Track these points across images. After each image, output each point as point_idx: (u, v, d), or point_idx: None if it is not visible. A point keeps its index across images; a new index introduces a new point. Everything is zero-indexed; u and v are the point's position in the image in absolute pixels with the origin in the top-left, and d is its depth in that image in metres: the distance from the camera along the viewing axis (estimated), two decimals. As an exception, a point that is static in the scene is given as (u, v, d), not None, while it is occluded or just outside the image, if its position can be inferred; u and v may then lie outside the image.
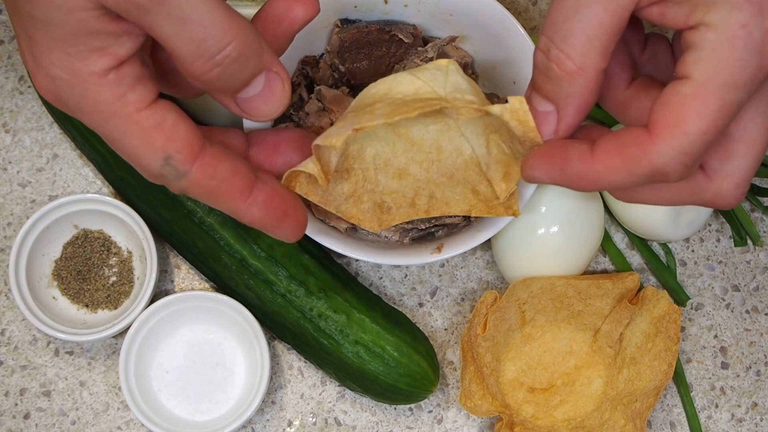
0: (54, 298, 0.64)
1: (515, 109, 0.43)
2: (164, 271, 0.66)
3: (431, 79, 0.45)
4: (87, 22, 0.39)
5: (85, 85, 0.40)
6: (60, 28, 0.39)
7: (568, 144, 0.43)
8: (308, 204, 0.59)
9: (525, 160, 0.44)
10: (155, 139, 0.41)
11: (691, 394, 0.65)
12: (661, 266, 0.66)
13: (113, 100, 0.40)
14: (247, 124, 0.54)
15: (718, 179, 0.42)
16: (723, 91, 0.38)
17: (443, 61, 0.46)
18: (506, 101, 0.43)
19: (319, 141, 0.45)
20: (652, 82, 0.44)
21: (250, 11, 0.65)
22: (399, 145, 0.49)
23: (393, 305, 0.65)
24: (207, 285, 0.66)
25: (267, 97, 0.43)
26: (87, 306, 0.64)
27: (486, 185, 0.50)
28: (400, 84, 0.45)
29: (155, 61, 0.45)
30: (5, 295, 0.65)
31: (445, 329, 0.66)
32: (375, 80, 0.61)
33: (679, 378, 0.65)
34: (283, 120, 0.60)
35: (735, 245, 0.67)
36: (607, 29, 0.39)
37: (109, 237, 0.64)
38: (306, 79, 0.61)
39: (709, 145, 0.39)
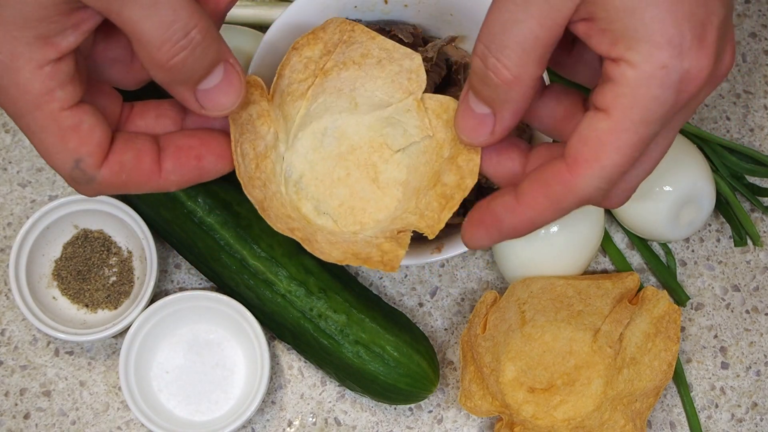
0: (54, 298, 0.64)
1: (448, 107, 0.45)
2: (164, 271, 0.66)
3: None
4: (45, 8, 0.39)
5: (19, 72, 0.40)
6: (14, 9, 0.39)
7: (492, 201, 0.44)
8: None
9: (462, 233, 0.46)
10: (69, 140, 0.42)
11: (691, 394, 0.65)
12: (661, 266, 0.66)
13: (42, 93, 0.41)
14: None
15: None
16: (639, 127, 0.40)
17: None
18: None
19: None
20: (564, 89, 0.45)
21: (249, 12, 0.65)
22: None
23: (393, 305, 0.65)
24: (207, 285, 0.66)
25: (226, 89, 0.43)
26: (87, 306, 0.64)
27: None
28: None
29: (93, 55, 0.45)
30: (5, 295, 0.65)
31: (445, 329, 0.66)
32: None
33: (679, 378, 0.65)
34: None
35: (735, 245, 0.67)
36: (541, 42, 0.40)
37: (109, 237, 0.64)
38: (306, 79, 0.61)
39: (625, 173, 0.41)
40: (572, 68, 0.46)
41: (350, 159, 0.49)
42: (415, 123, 0.48)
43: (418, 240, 0.59)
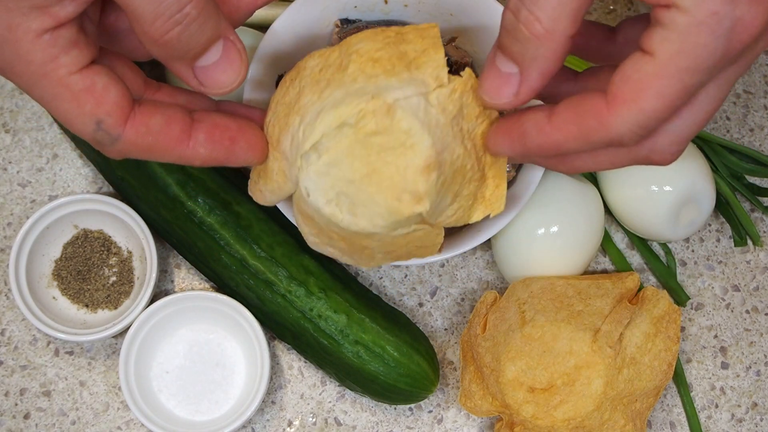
0: (54, 298, 0.64)
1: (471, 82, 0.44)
2: (164, 271, 0.66)
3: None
4: None
5: (19, 43, 0.40)
6: None
7: (524, 116, 0.43)
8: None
9: (487, 137, 0.44)
10: (85, 103, 0.41)
11: (691, 394, 0.65)
12: (661, 266, 0.66)
13: (45, 62, 0.40)
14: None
15: (657, 135, 0.42)
16: (684, 74, 0.39)
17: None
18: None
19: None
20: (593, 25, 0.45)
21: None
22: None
23: (393, 305, 0.65)
24: (207, 285, 0.66)
25: (224, 66, 0.42)
26: (87, 306, 0.64)
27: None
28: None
29: (103, 25, 0.44)
30: (5, 295, 0.65)
31: (445, 329, 0.66)
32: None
33: (679, 378, 0.65)
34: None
35: (735, 245, 0.67)
36: None
37: (109, 237, 0.64)
38: (306, 79, 0.61)
39: (664, 121, 0.40)
40: (614, 57, 0.45)
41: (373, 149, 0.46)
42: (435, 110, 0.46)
43: (418, 240, 0.59)
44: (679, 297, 0.65)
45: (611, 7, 0.70)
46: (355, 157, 0.43)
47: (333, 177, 0.43)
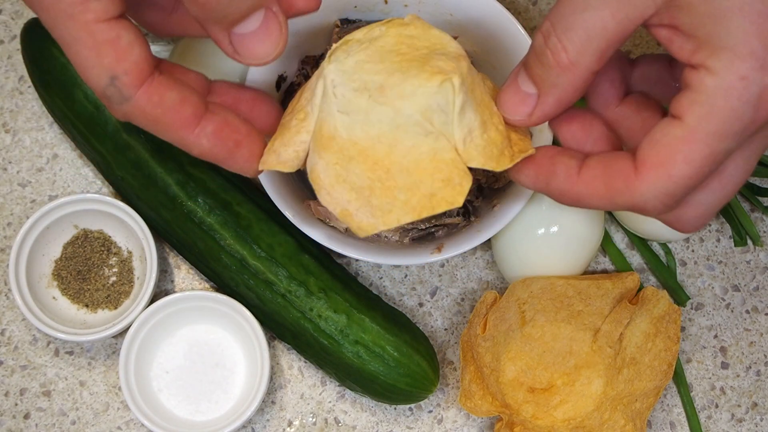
0: (54, 298, 0.64)
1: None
2: (164, 271, 0.66)
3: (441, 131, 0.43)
4: None
5: None
6: None
7: (558, 158, 0.43)
8: (309, 204, 0.59)
9: (516, 164, 0.44)
10: (105, 54, 0.40)
11: (691, 394, 0.65)
12: (661, 266, 0.66)
13: (75, 3, 0.39)
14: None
15: (686, 205, 0.42)
16: (713, 140, 0.38)
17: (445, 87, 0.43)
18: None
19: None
20: (645, 100, 0.45)
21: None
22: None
23: (393, 305, 0.65)
24: (207, 285, 0.66)
25: (263, 36, 0.41)
26: (87, 306, 0.64)
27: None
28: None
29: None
30: (5, 295, 0.65)
31: (445, 329, 0.66)
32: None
33: (679, 378, 0.65)
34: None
35: (735, 245, 0.67)
36: (609, 34, 0.39)
37: (109, 237, 0.64)
38: (306, 78, 0.61)
39: (693, 189, 0.40)
40: (637, 87, 0.45)
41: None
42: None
43: (419, 240, 0.59)
44: (679, 297, 0.65)
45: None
46: (385, 55, 0.42)
47: (362, 70, 0.42)
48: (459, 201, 0.43)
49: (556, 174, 0.43)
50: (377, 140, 0.42)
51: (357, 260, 0.66)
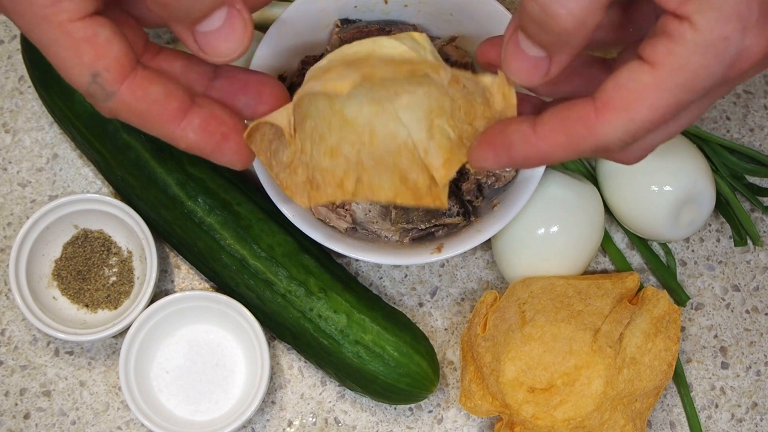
0: (54, 298, 0.64)
1: (504, 84, 0.43)
2: (164, 271, 0.66)
3: (413, 47, 0.44)
4: None
5: None
6: None
7: (509, 127, 0.43)
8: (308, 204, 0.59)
9: (470, 151, 0.44)
10: (84, 53, 0.40)
11: (691, 394, 0.65)
12: (661, 266, 0.66)
13: (47, 4, 0.39)
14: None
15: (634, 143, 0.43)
16: (680, 91, 0.39)
17: (416, 34, 0.45)
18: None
19: (314, 88, 0.43)
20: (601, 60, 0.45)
21: (254, 14, 0.65)
22: (334, 122, 0.47)
23: (393, 305, 0.65)
24: (207, 285, 0.66)
25: (226, 34, 0.41)
26: (87, 306, 0.64)
27: (418, 173, 0.48)
28: (383, 47, 0.43)
29: None
30: (5, 295, 0.65)
31: (445, 329, 0.66)
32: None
33: (679, 378, 0.65)
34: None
35: (735, 245, 0.67)
36: None
37: (109, 237, 0.64)
38: (306, 79, 0.61)
39: (651, 132, 0.40)
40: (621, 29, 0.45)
41: (351, 127, 0.48)
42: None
43: (419, 240, 0.59)
44: (679, 297, 0.65)
45: (611, 7, 0.70)
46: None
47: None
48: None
49: (512, 143, 0.42)
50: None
51: (357, 260, 0.66)
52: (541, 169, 0.57)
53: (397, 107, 0.46)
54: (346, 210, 0.59)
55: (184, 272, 0.66)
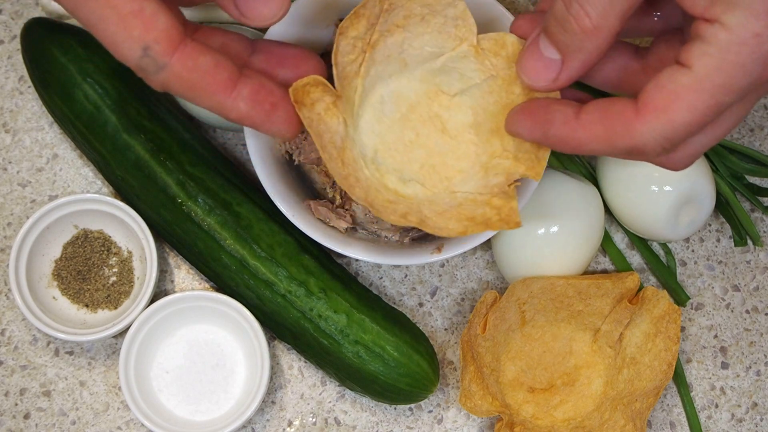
0: (54, 298, 0.64)
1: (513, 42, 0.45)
2: (164, 271, 0.66)
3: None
4: None
5: None
6: None
7: (553, 105, 0.43)
8: (309, 204, 0.58)
9: (509, 113, 0.45)
10: (133, 27, 0.40)
11: (691, 394, 0.65)
12: (661, 266, 0.66)
13: None
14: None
15: (678, 148, 0.43)
16: (719, 91, 0.39)
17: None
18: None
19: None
20: (620, 43, 0.46)
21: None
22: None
23: (393, 305, 0.65)
24: (207, 285, 0.66)
25: None
26: (87, 306, 0.64)
27: (483, 208, 0.48)
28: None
29: None
30: (5, 295, 0.65)
31: (445, 329, 0.66)
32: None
33: (679, 378, 0.65)
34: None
35: (735, 245, 0.67)
36: None
37: (109, 237, 0.64)
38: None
39: (691, 135, 0.41)
40: (648, 24, 0.46)
41: (413, 118, 0.48)
42: (473, 67, 0.47)
43: (419, 240, 0.59)
44: (679, 297, 0.65)
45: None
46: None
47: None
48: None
49: (553, 121, 0.43)
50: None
51: (357, 260, 0.66)
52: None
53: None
54: (346, 210, 0.59)
55: (184, 272, 0.66)
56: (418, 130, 0.48)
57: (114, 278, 0.64)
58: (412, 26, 0.47)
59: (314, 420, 0.64)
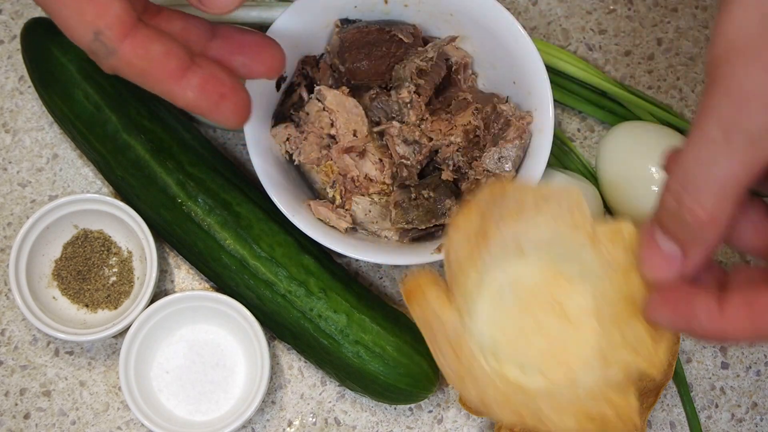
0: (54, 298, 0.64)
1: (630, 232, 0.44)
2: (164, 271, 0.66)
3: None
4: None
5: None
6: None
7: (695, 297, 0.41)
8: (309, 204, 0.58)
9: (649, 300, 0.43)
10: (86, 11, 0.41)
11: (691, 394, 0.65)
12: (661, 266, 0.66)
13: None
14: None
15: None
16: None
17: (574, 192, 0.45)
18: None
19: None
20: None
21: (253, 13, 0.65)
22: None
23: (393, 305, 0.65)
24: (207, 285, 0.66)
25: None
26: (87, 306, 0.64)
27: (602, 405, 0.46)
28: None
29: None
30: (5, 295, 0.65)
31: (445, 329, 0.66)
32: (375, 80, 0.62)
33: (679, 378, 0.65)
34: (282, 120, 0.60)
35: (735, 245, 0.67)
36: (741, 182, 0.38)
37: (109, 237, 0.64)
38: (306, 79, 0.61)
39: None
40: None
41: (533, 304, 0.47)
42: (590, 254, 0.46)
43: (419, 240, 0.59)
44: (679, 297, 0.65)
45: (611, 7, 0.70)
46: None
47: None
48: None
49: (696, 315, 0.41)
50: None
51: (357, 260, 0.66)
52: (541, 169, 0.57)
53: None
54: (346, 210, 0.59)
55: (184, 272, 0.66)
56: (537, 317, 0.46)
57: (114, 278, 0.64)
58: (526, 215, 0.45)
59: (314, 420, 0.64)
